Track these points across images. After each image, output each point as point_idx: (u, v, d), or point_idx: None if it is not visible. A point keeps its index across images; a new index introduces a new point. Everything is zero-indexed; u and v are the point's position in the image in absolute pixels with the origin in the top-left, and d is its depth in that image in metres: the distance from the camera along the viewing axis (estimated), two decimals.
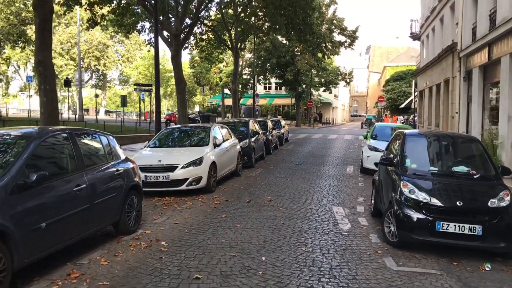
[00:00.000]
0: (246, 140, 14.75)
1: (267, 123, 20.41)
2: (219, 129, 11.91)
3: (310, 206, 8.76)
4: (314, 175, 13.10)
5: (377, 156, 13.54)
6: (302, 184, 11.44)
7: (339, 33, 43.21)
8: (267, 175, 12.99)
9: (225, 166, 11.16)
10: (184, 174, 9.31)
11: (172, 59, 18.65)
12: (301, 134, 33.29)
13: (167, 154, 10.02)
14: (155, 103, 14.20)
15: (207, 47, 31.49)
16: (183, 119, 18.52)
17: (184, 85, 18.66)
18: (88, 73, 72.24)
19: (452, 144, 7.42)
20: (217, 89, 54.95)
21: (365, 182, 12.19)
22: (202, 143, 10.64)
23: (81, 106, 34.97)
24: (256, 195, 9.71)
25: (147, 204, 8.80)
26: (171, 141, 11.01)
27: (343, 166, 15.48)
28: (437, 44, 22.42)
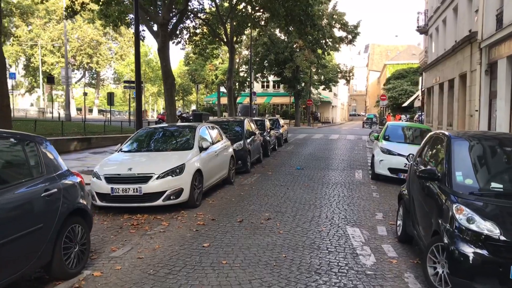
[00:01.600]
0: (240, 141, 12.92)
1: (264, 122, 18.57)
2: (208, 129, 10.05)
3: (318, 226, 6.92)
4: (319, 183, 11.26)
5: (391, 161, 11.77)
6: (306, 194, 9.59)
7: (339, 29, 41.36)
8: (264, 182, 11.14)
9: (214, 173, 9.31)
10: (161, 186, 7.45)
11: (159, 51, 16.78)
12: (301, 134, 31.45)
13: (140, 160, 8.16)
14: (136, 99, 12.37)
15: (201, 42, 29.63)
16: (172, 118, 16.67)
17: (173, 81, 16.80)
18: (80, 71, 70.32)
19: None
20: (213, 87, 53.01)
21: (380, 191, 10.36)
22: (185, 146, 8.78)
23: (68, 104, 32.99)
24: (250, 211, 7.85)
25: (111, 225, 6.94)
26: (148, 144, 9.12)
27: (350, 171, 13.65)
28: (449, 36, 20.61)
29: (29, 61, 63.90)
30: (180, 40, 29.25)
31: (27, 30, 57.96)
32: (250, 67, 31.81)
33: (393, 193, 10.15)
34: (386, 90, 62.13)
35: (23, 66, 67.40)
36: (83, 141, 16.63)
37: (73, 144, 15.85)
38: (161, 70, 17.16)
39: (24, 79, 70.92)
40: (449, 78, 20.01)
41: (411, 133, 13.17)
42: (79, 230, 4.69)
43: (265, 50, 42.05)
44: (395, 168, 11.38)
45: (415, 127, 13.72)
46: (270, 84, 61.45)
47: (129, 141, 9.14)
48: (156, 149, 8.79)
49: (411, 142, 12.46)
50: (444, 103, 21.20)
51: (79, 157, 14.25)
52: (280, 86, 56.76)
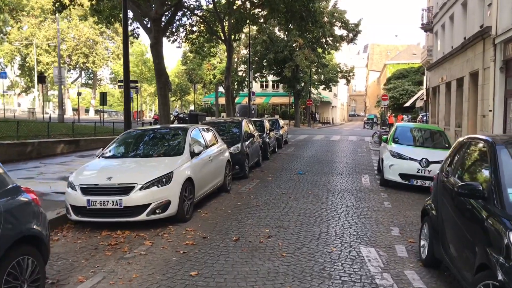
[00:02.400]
0: (238, 144, 11.92)
1: (263, 123, 17.58)
2: (201, 131, 9.05)
3: (327, 246, 5.92)
4: (324, 190, 10.27)
5: (402, 165, 10.75)
6: (310, 204, 8.60)
7: (340, 27, 40.42)
8: (264, 189, 10.15)
9: (208, 181, 8.30)
10: (144, 198, 6.45)
11: (152, 47, 15.77)
12: (301, 135, 30.46)
13: (122, 168, 7.15)
14: (124, 97, 11.35)
15: (198, 40, 28.63)
16: (165, 118, 15.67)
17: (166, 79, 15.79)
18: (77, 71, 69.28)
19: None
20: (211, 87, 51.98)
21: (391, 199, 9.38)
22: (174, 151, 7.76)
23: (61, 105, 31.94)
24: (248, 226, 6.86)
25: (86, 244, 5.94)
26: (133, 148, 8.10)
27: (356, 176, 12.67)
28: (457, 33, 19.63)
29: (25, 61, 62.78)
30: (176, 38, 28.31)
31: (17, 27, 56.71)
32: (249, 66, 30.82)
33: (407, 202, 9.19)
34: (386, 90, 61.11)
35: (19, 65, 66.26)
36: (70, 143, 15.63)
37: (59, 146, 14.84)
38: (154, 68, 16.16)
39: (20, 79, 69.84)
40: (457, 77, 19.04)
41: (423, 135, 12.20)
42: (28, 263, 3.68)
43: (264, 49, 41.06)
44: (407, 174, 10.40)
45: (426, 128, 12.76)
46: (269, 84, 60.46)
47: (112, 145, 8.13)
48: (142, 154, 7.75)
49: (423, 145, 11.48)
50: (452, 103, 20.23)
51: (64, 161, 13.25)
52: (279, 86, 55.76)
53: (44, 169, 11.77)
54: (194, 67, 46.52)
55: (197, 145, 8.08)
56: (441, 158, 10.75)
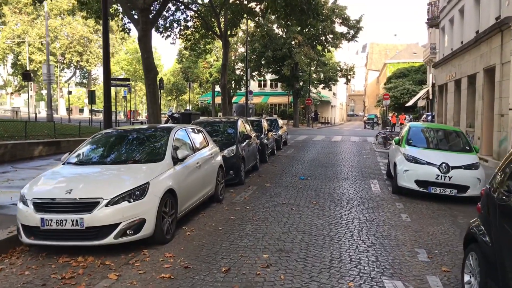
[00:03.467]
0: (232, 146, 10.64)
1: (261, 123, 16.31)
2: (189, 133, 7.74)
3: (342, 280, 4.63)
4: (330, 199, 8.99)
5: (419, 171, 9.44)
6: (316, 218, 7.32)
7: (340, 24, 39.18)
8: (261, 198, 8.86)
9: (195, 192, 7.00)
10: (112, 216, 5.16)
11: (140, 40, 14.47)
12: (301, 135, 29.19)
13: (87, 178, 5.84)
14: (104, 94, 10.06)
15: (193, 36, 27.34)
16: (154, 118, 14.38)
17: (155, 75, 14.48)
18: (71, 70, 67.83)
19: None
20: (208, 86, 50.64)
21: (409, 211, 8.11)
22: (153, 156, 6.45)
23: (50, 104, 30.59)
24: (242, 250, 5.57)
25: (34, 277, 4.65)
26: (104, 153, 6.77)
27: (364, 181, 11.40)
28: (468, 27, 18.39)
29: (17, 59, 61.27)
30: (170, 34, 27.03)
31: (9, 25, 55.25)
32: (246, 63, 29.53)
33: (427, 215, 7.93)
34: (387, 90, 59.99)
35: (11, 64, 64.76)
36: (50, 145, 14.30)
37: (37, 148, 13.52)
38: (142, 63, 14.86)
39: (12, 78, 68.29)
40: (468, 74, 17.79)
41: (439, 136, 10.90)
42: None
43: (262, 47, 39.73)
44: (424, 181, 9.13)
45: (442, 129, 11.46)
46: (268, 83, 59.19)
47: (80, 148, 6.81)
48: (114, 160, 6.41)
49: (441, 147, 10.20)
50: (462, 102, 18.98)
51: (39, 165, 11.93)
52: (278, 85, 54.50)
53: (14, 175, 10.46)
54: (190, 65, 45.17)
55: (182, 149, 6.79)
56: (463, 163, 9.51)
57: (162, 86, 23.52)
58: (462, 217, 7.89)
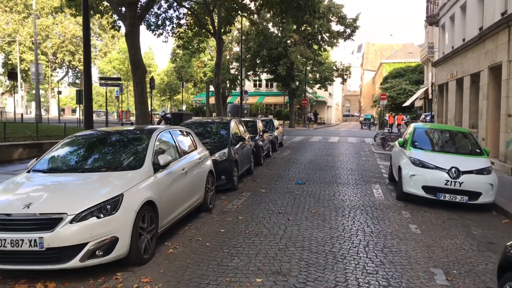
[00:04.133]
0: (224, 149, 9.87)
1: (256, 124, 15.54)
2: (174, 135, 6.94)
3: None
4: (330, 207, 8.24)
5: (426, 176, 8.63)
6: (317, 230, 6.57)
7: (337, 22, 38.48)
8: (255, 207, 8.09)
9: (180, 202, 6.22)
10: (78, 235, 4.37)
11: (127, 36, 13.67)
12: (297, 136, 28.45)
13: (51, 189, 5.03)
14: (84, 92, 9.26)
15: (186, 34, 26.56)
16: (142, 118, 13.58)
17: (143, 72, 13.68)
18: (63, 70, 66.69)
19: None
20: (202, 86, 49.79)
21: (417, 221, 7.38)
22: (130, 163, 5.64)
23: (39, 104, 29.63)
24: (231, 273, 4.79)
25: None
26: (76, 159, 5.97)
27: (365, 186, 10.67)
28: (471, 24, 17.71)
29: (8, 59, 60.10)
30: (162, 32, 26.22)
31: None
32: (241, 62, 28.75)
33: (437, 225, 7.20)
34: (383, 90, 59.41)
35: (2, 64, 63.56)
36: (32, 147, 13.46)
37: (16, 151, 12.69)
38: (130, 60, 14.07)
39: (3, 78, 67.07)
40: (472, 72, 17.09)
41: (446, 137, 10.18)
42: None
43: (257, 46, 38.92)
44: (432, 187, 8.41)
45: (450, 130, 10.71)
46: (263, 83, 58.43)
47: (50, 153, 6.01)
48: (85, 167, 5.60)
49: (449, 150, 9.48)
50: (465, 101, 18.29)
51: (16, 170, 11.07)
52: (273, 85, 53.77)
53: None
54: (183, 65, 44.28)
55: (165, 153, 6.00)
56: (474, 167, 8.72)
57: (153, 85, 22.69)
58: (476, 227, 7.18)
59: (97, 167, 5.51)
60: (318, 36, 39.43)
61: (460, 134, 10.14)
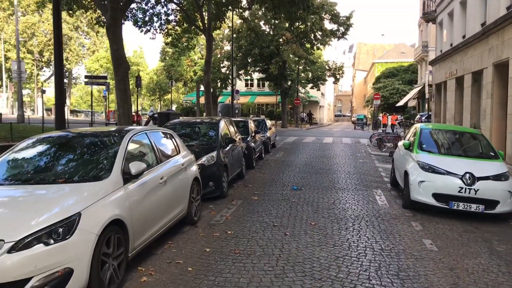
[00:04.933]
0: (212, 153, 8.93)
1: (248, 124, 14.62)
2: (152, 138, 5.95)
3: None
4: (331, 217, 7.33)
5: (437, 183, 7.58)
6: (318, 248, 5.65)
7: (330, 20, 37.65)
8: (247, 218, 7.15)
9: (157, 218, 5.25)
10: (18, 268, 3.39)
11: (108, 30, 12.65)
12: (290, 136, 27.56)
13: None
14: (55, 89, 8.26)
15: (174, 31, 25.56)
16: (125, 118, 12.58)
17: (126, 69, 12.66)
18: (50, 69, 65.02)
19: None
20: (192, 85, 48.69)
21: (430, 233, 6.52)
22: (96, 173, 4.64)
23: (21, 103, 28.41)
24: None
25: None
26: (29, 167, 4.93)
27: (367, 192, 9.79)
28: (472, 20, 16.95)
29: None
30: (149, 29, 25.16)
31: None
32: (232, 59, 27.79)
33: (453, 239, 6.34)
34: (376, 89, 58.83)
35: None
36: (4, 149, 12.33)
37: None
38: (111, 56, 13.05)
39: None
40: (473, 70, 16.33)
41: (456, 139, 9.32)
42: None
43: (248, 44, 37.93)
44: (444, 195, 7.53)
45: (459, 131, 9.83)
46: (255, 82, 57.49)
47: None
48: (38, 178, 4.54)
49: (461, 153, 8.61)
50: (465, 101, 17.53)
51: None
52: (265, 85, 52.84)
53: None
54: (173, 63, 43.15)
55: (139, 160, 5.03)
56: (491, 173, 7.73)
57: (139, 83, 21.67)
58: (498, 242, 6.32)
59: (52, 177, 4.51)
60: (311, 35, 38.59)
61: (471, 136, 9.30)
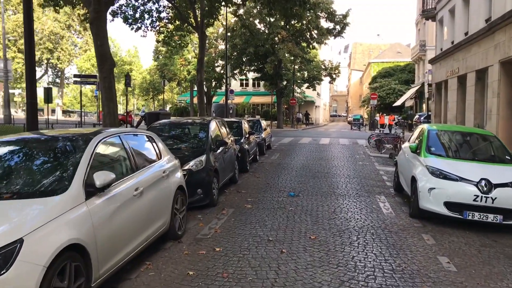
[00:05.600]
0: (201, 157, 8.14)
1: (241, 125, 13.84)
2: (127, 142, 5.11)
3: None
4: (333, 229, 6.57)
5: (449, 190, 6.76)
6: (320, 270, 4.88)
7: (326, 19, 36.96)
8: (238, 232, 6.37)
9: (130, 238, 4.44)
10: None
11: (91, 24, 11.84)
12: (286, 137, 26.79)
13: None
14: (26, 88, 7.46)
15: (166, 28, 24.77)
16: (111, 118, 11.77)
17: (111, 66, 11.85)
18: (42, 68, 64.01)
19: None
20: (186, 85, 47.82)
21: (444, 249, 5.78)
22: (51, 186, 3.79)
23: (8, 103, 27.49)
24: None
25: None
26: None
27: (369, 198, 9.05)
28: (475, 16, 16.27)
29: None
30: (140, 26, 24.35)
31: None
32: (226, 58, 26.98)
33: (471, 255, 5.59)
34: (372, 89, 58.25)
35: None
36: None
37: None
38: (95, 52, 12.21)
39: None
40: (477, 68, 15.65)
41: (468, 142, 8.58)
42: None
43: (243, 42, 37.11)
44: (457, 203, 6.78)
45: (471, 132, 9.06)
46: (250, 82, 56.69)
47: None
48: None
49: (474, 157, 7.87)
50: (468, 100, 16.85)
51: None
52: (260, 85, 52.08)
53: None
54: (166, 62, 42.27)
55: (107, 169, 4.22)
56: (509, 179, 7.06)
57: (128, 82, 20.85)
58: None
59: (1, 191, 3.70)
60: (307, 33, 37.89)
61: (482, 137, 8.57)
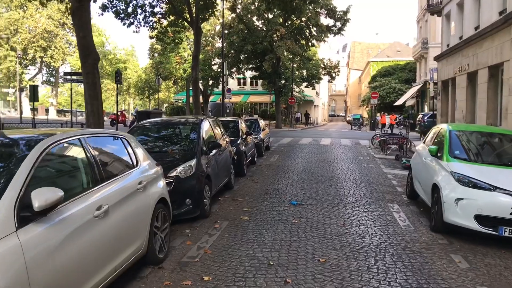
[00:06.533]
0: (191, 161, 7.08)
1: (238, 125, 12.80)
2: (89, 146, 4.07)
3: None
4: (345, 249, 5.53)
5: (480, 201, 5.41)
6: None
7: (326, 15, 35.98)
8: (232, 253, 5.33)
9: (90, 271, 3.39)
10: None
11: (73, 14, 10.77)
12: (285, 138, 25.76)
13: None
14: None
15: (160, 24, 23.72)
16: (95, 117, 10.72)
17: (95, 60, 10.78)
18: (35, 67, 62.75)
19: None
20: (182, 84, 46.74)
21: (481, 275, 4.84)
22: None
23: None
24: None
25: None
26: None
27: (381, 207, 8.03)
28: (487, 9, 15.27)
29: None
30: (133, 21, 23.29)
31: None
32: (223, 55, 25.92)
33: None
34: (372, 89, 57.28)
35: None
36: None
37: None
38: (77, 44, 11.16)
39: None
40: (490, 64, 14.64)
41: (497, 145, 7.53)
42: None
43: (241, 40, 36.05)
44: (491, 217, 5.75)
45: (499, 133, 7.93)
46: (247, 81, 55.66)
47: None
48: None
49: (505, 162, 6.83)
50: (480, 98, 15.84)
51: None
52: (258, 84, 51.04)
53: None
54: (162, 60, 41.20)
55: (51, 186, 3.15)
56: None
57: (119, 80, 19.77)
58: None
59: None
60: (306, 31, 36.87)
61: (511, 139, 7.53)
